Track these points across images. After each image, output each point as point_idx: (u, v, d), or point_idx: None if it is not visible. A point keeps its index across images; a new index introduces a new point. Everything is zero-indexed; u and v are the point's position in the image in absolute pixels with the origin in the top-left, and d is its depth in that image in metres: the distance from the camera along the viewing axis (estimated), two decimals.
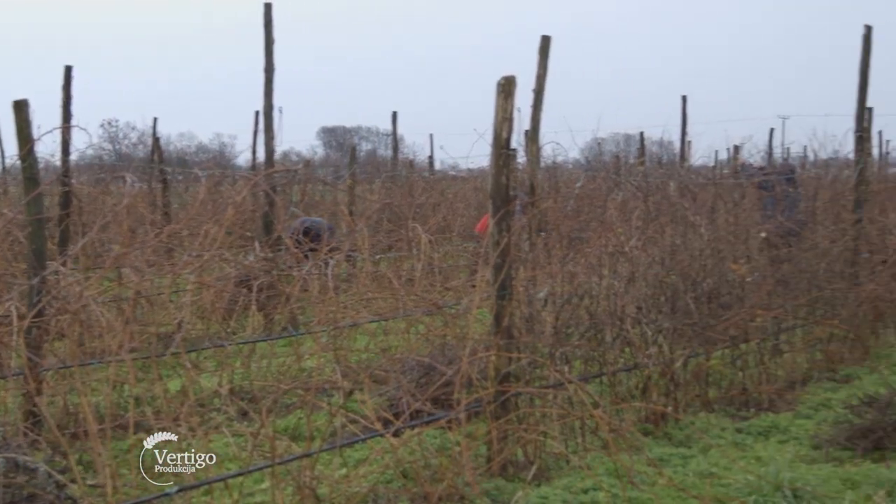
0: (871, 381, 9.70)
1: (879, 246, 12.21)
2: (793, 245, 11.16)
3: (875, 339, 11.52)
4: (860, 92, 11.91)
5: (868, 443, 7.61)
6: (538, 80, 10.46)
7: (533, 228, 8.81)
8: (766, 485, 6.44)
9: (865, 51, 11.75)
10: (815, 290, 10.57)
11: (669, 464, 7.22)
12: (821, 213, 12.33)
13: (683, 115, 22.06)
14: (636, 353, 8.46)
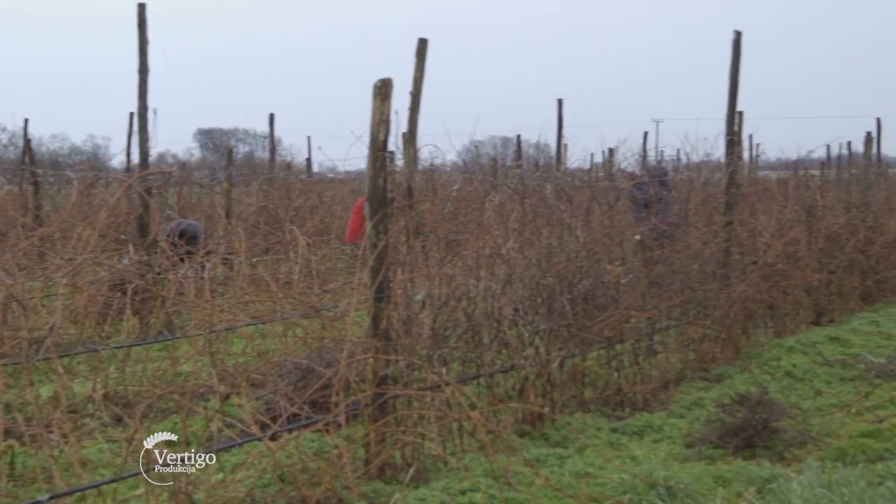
0: (742, 381, 10.02)
1: (750, 247, 12.59)
2: (666, 247, 11.42)
3: (746, 339, 11.89)
4: (731, 96, 12.25)
5: (739, 441, 7.87)
6: (415, 82, 10.56)
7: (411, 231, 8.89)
8: (641, 483, 6.61)
9: (735, 56, 12.10)
10: (687, 291, 10.84)
11: (546, 464, 7.37)
12: (693, 215, 12.65)
13: (559, 118, 22.40)
14: (513, 354, 8.60)
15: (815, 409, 9.07)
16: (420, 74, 10.55)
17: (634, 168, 15.11)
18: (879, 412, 8.86)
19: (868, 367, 10.65)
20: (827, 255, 14.64)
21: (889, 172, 24.56)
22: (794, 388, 9.86)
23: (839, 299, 14.97)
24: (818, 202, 15.83)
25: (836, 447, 7.84)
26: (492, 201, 11.85)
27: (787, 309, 13.33)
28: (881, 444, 7.87)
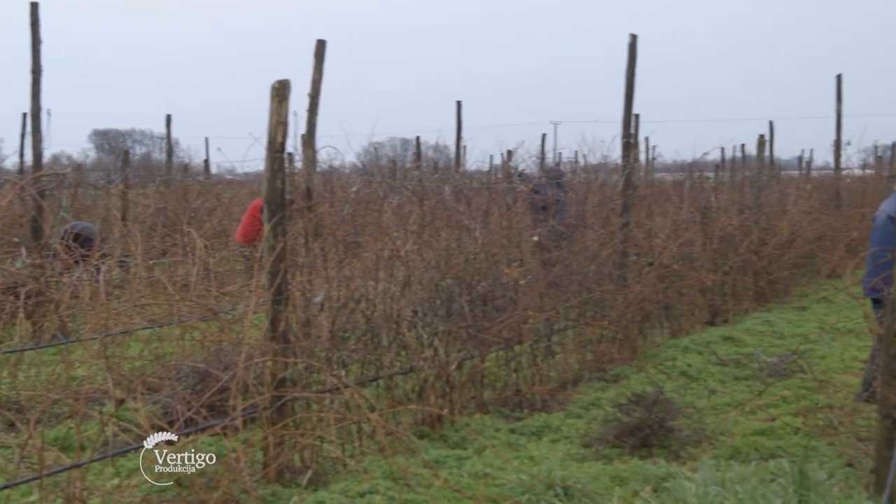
0: (639, 380, 10.22)
1: (646, 248, 12.81)
2: (564, 248, 11.57)
3: (642, 340, 12.12)
4: (627, 99, 12.46)
5: (636, 440, 8.04)
6: (314, 84, 10.57)
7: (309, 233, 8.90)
8: (539, 484, 6.71)
9: (631, 59, 12.31)
10: (585, 292, 11.00)
11: (445, 465, 7.45)
12: (590, 216, 12.82)
13: (458, 120, 22.53)
14: (412, 356, 8.66)
15: (709, 408, 9.30)
16: (319, 76, 10.56)
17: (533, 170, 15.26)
18: (772, 410, 9.11)
19: (761, 367, 10.93)
20: (721, 256, 14.97)
21: (781, 174, 25.12)
22: (690, 388, 10.09)
23: (733, 299, 15.32)
24: (713, 204, 16.16)
25: (731, 445, 8.05)
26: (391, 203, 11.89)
27: (683, 309, 13.61)
28: (774, 442, 8.11)
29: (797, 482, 6.40)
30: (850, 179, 25.50)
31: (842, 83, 22.55)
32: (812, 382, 9.84)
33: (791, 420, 8.68)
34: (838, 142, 23.04)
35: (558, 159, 20.11)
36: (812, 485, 6.37)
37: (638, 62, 12.42)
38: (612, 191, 13.12)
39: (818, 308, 15.92)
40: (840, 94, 22.57)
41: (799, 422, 8.58)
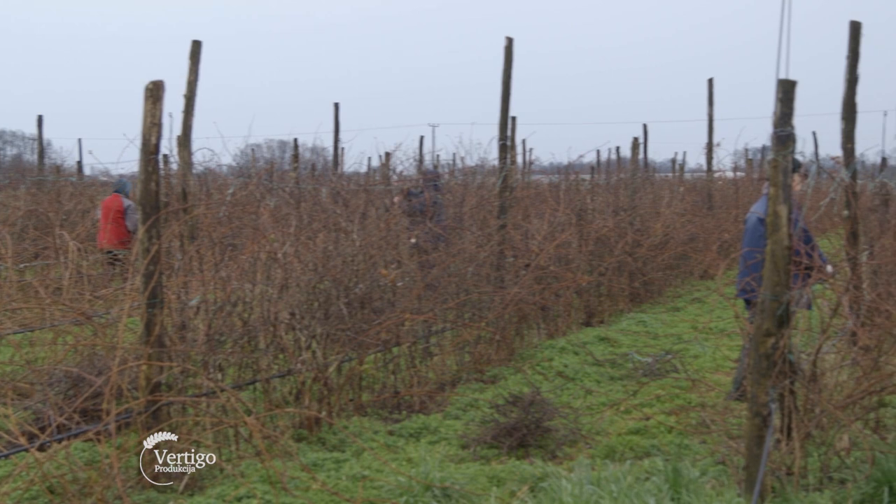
0: (516, 381, 10.38)
1: (523, 250, 12.98)
2: (441, 250, 11.66)
3: (520, 341, 12.29)
4: (503, 102, 12.61)
5: (513, 441, 8.18)
6: (189, 85, 10.49)
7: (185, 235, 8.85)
8: (417, 485, 6.80)
9: (507, 62, 12.46)
10: (463, 294, 11.12)
11: (323, 468, 7.48)
12: (468, 218, 12.95)
13: (336, 122, 22.52)
14: (290, 359, 8.66)
15: (585, 407, 9.49)
16: (194, 77, 10.48)
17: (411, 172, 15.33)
18: (646, 410, 9.35)
19: (636, 367, 11.19)
20: (596, 258, 15.24)
21: (656, 177, 25.61)
22: (566, 388, 10.28)
23: (608, 300, 15.62)
24: (588, 206, 16.45)
25: (606, 445, 8.24)
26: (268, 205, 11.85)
27: (559, 310, 13.82)
28: (648, 441, 8.32)
29: (671, 480, 6.59)
30: (721, 182, 26.10)
31: (713, 87, 23.05)
32: (685, 382, 10.11)
33: (665, 419, 8.92)
34: (710, 144, 23.53)
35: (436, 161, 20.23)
36: (685, 482, 6.57)
37: (515, 65, 12.56)
38: (489, 193, 13.27)
39: (691, 308, 16.31)
40: (712, 98, 23.07)
41: (672, 420, 8.83)
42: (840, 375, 7.43)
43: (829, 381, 7.30)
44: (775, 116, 6.50)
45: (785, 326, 6.51)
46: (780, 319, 6.47)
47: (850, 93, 8.80)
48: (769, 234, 6.51)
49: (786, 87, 6.49)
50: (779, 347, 6.48)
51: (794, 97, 6.53)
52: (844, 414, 7.02)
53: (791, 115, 6.50)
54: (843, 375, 7.44)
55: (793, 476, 6.64)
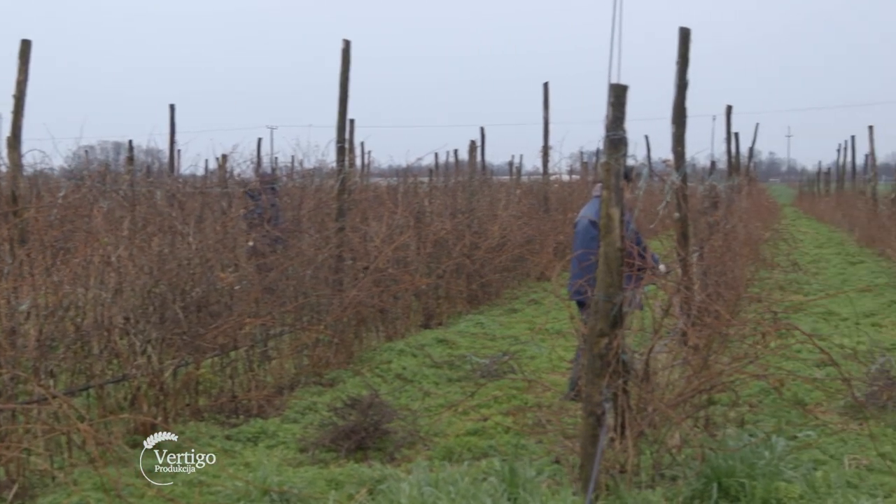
0: (355, 384, 10.42)
1: (361, 253, 13.02)
2: (280, 253, 11.61)
3: (359, 343, 12.33)
4: (341, 105, 12.60)
5: (351, 443, 8.22)
6: (18, 85, 10.24)
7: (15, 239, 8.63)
8: (255, 490, 6.79)
9: (345, 65, 12.47)
10: (301, 297, 11.10)
11: (159, 474, 7.39)
12: (306, 221, 12.92)
13: (172, 124, 22.17)
14: (125, 364, 8.54)
15: (424, 409, 9.59)
16: (24, 77, 10.23)
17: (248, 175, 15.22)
18: (484, 411, 9.49)
19: (474, 368, 11.34)
20: (435, 260, 15.38)
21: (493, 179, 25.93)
22: (405, 390, 10.37)
23: (447, 302, 15.79)
24: (426, 208, 16.58)
25: (444, 446, 8.35)
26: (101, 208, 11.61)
27: (398, 313, 13.92)
28: (485, 442, 8.46)
29: (507, 480, 6.73)
30: (557, 184, 26.55)
31: (549, 91, 23.44)
32: (522, 382, 10.28)
33: (502, 419, 9.07)
34: (546, 148, 23.88)
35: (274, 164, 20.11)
36: (521, 482, 6.71)
37: (353, 68, 12.57)
38: (327, 196, 13.26)
39: (528, 310, 16.62)
40: (547, 102, 23.45)
41: (509, 421, 8.98)
42: (671, 374, 7.68)
43: (661, 380, 7.55)
44: (607, 120, 6.69)
45: (618, 327, 6.71)
46: (613, 320, 6.67)
47: (681, 97, 9.09)
48: (602, 237, 6.70)
49: (617, 91, 6.69)
50: (612, 347, 6.68)
51: (626, 101, 6.73)
52: (676, 412, 7.26)
53: (623, 119, 6.70)
54: (674, 374, 7.70)
55: (626, 474, 6.85)
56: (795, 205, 66.25)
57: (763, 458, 7.03)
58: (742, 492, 6.73)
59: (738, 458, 6.97)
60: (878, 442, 8.12)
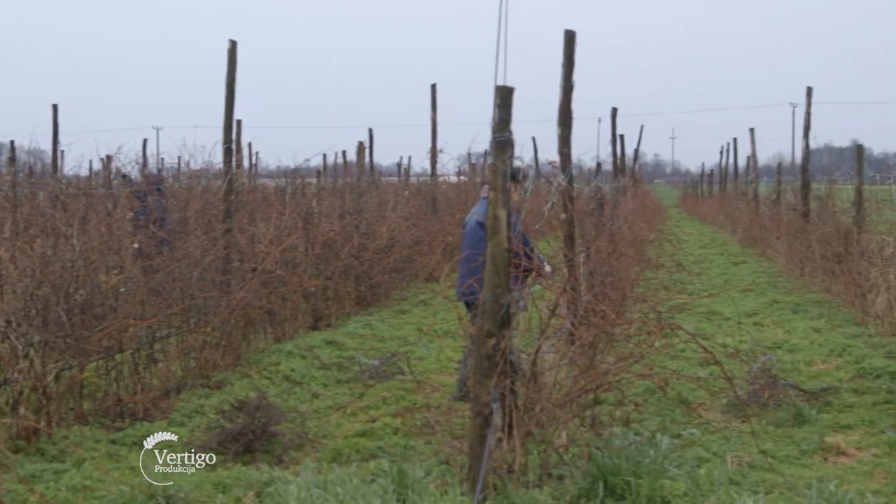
0: (243, 386, 10.37)
1: (249, 254, 12.96)
2: (166, 255, 11.50)
3: (246, 345, 12.27)
4: (227, 105, 12.48)
5: (239, 446, 8.18)
6: None
7: None
8: (140, 494, 6.73)
9: (231, 65, 12.36)
10: (188, 299, 11.00)
11: (42, 480, 7.30)
12: (193, 222, 12.81)
13: (55, 124, 21.71)
14: (6, 368, 8.40)
15: (312, 411, 9.58)
16: None
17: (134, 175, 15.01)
18: (372, 412, 9.54)
19: (362, 369, 11.37)
20: (323, 261, 15.36)
21: (381, 180, 25.96)
22: (293, 392, 10.35)
23: (335, 304, 15.78)
24: (315, 209, 16.55)
25: (333, 448, 8.37)
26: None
27: (286, 314, 13.89)
28: (374, 443, 8.50)
29: (396, 481, 6.77)
30: (446, 185, 26.68)
31: (436, 92, 23.49)
32: (411, 383, 10.33)
33: (391, 420, 9.13)
34: (434, 149, 23.96)
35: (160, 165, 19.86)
36: (410, 483, 6.76)
37: (239, 68, 12.47)
38: (214, 197, 13.15)
39: (417, 311, 16.69)
40: (435, 103, 23.48)
41: (398, 422, 9.04)
42: (558, 374, 7.81)
43: (548, 380, 7.67)
44: (494, 122, 6.76)
45: (506, 327, 6.80)
46: (500, 321, 6.75)
47: (566, 100, 9.21)
48: (489, 238, 6.77)
49: (503, 93, 6.77)
50: (500, 348, 6.75)
51: (512, 103, 6.81)
52: (563, 412, 7.38)
53: (509, 121, 6.79)
54: (561, 374, 7.83)
55: (514, 473, 6.93)
56: (680, 206, 67.50)
57: (648, 457, 7.18)
58: (628, 490, 6.87)
59: (623, 456, 7.11)
60: (760, 439, 8.37)
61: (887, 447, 8.40)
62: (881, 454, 8.28)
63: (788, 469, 7.84)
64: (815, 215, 20.91)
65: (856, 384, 10.55)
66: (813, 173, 22.98)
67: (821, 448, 8.46)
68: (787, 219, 24.48)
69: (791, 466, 7.96)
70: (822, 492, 6.76)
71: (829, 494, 6.68)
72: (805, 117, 22.39)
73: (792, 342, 13.21)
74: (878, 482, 7.51)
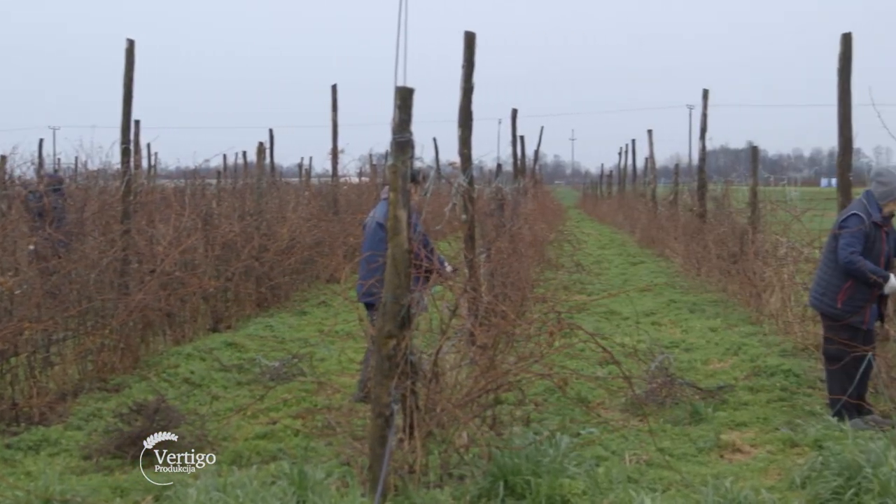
0: (141, 389, 10.27)
1: (148, 256, 12.83)
2: (63, 256, 11.33)
3: (145, 348, 12.15)
4: (125, 105, 12.30)
5: (137, 450, 8.07)
6: None
7: None
8: (36, 499, 6.66)
9: (129, 65, 12.19)
10: (85, 301, 10.87)
11: None
12: (90, 224, 12.63)
13: None
14: None
15: (212, 413, 9.53)
16: None
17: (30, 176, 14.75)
18: (273, 414, 9.53)
19: (263, 371, 11.33)
20: (224, 263, 15.27)
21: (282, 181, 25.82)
22: (193, 395, 10.29)
23: (236, 305, 15.69)
24: (214, 210, 16.43)
25: (233, 450, 8.34)
26: None
27: (186, 316, 13.79)
28: (274, 445, 8.49)
29: (296, 483, 6.78)
30: (347, 186, 26.63)
31: (337, 93, 23.40)
32: (311, 385, 10.34)
33: (291, 422, 9.12)
34: (335, 150, 23.88)
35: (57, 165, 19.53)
36: (310, 485, 6.77)
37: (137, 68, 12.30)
38: (112, 198, 12.98)
39: (318, 312, 16.65)
40: (335, 104, 23.38)
41: (299, 424, 9.04)
42: (459, 375, 7.87)
43: (449, 381, 7.72)
44: (394, 123, 6.79)
45: (406, 328, 6.84)
46: (401, 321, 6.79)
47: (466, 101, 9.26)
48: (390, 238, 6.80)
49: (404, 94, 6.80)
50: (400, 349, 6.79)
51: (412, 104, 6.84)
52: (463, 412, 7.43)
53: (409, 122, 6.82)
54: (462, 375, 7.89)
55: (415, 474, 6.98)
56: (579, 207, 68.24)
57: (548, 456, 7.28)
58: (528, 489, 6.95)
59: (523, 456, 7.20)
60: (657, 438, 8.53)
61: (781, 444, 8.63)
62: (775, 451, 8.50)
63: (685, 466, 8.01)
64: (711, 216, 21.26)
65: (751, 382, 10.80)
66: (709, 174, 23.37)
67: (717, 445, 8.65)
68: (684, 219, 24.88)
69: (688, 464, 8.13)
70: (718, 489, 6.91)
71: (725, 491, 6.84)
72: (701, 119, 22.78)
73: (689, 341, 13.46)
74: (772, 478, 7.72)
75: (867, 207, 9.09)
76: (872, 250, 9.00)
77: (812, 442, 8.46)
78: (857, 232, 8.97)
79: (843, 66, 10.65)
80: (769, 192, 18.44)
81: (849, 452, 7.17)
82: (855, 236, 8.96)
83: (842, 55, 10.65)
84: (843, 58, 10.64)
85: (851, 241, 8.96)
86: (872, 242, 9.01)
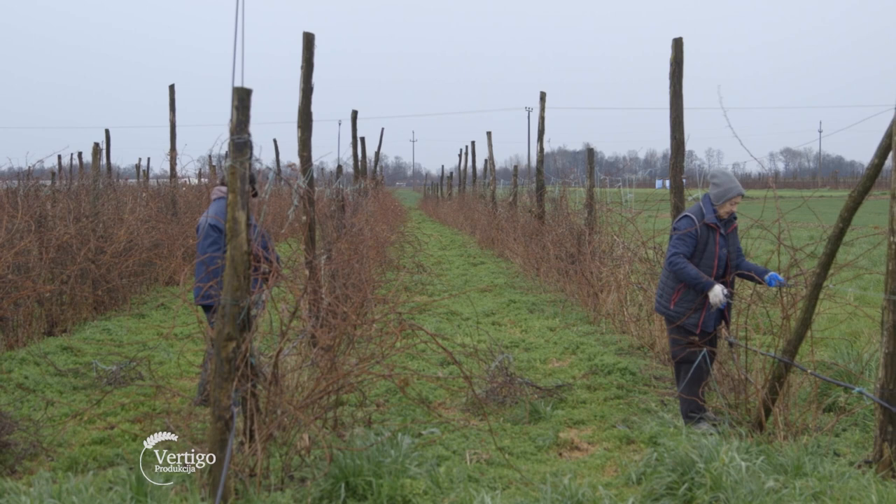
0: None
1: None
2: None
3: None
4: None
5: None
6: None
7: None
8: None
9: None
10: None
11: None
12: None
13: None
14: None
15: (47, 419, 9.28)
16: None
17: None
18: (111, 419, 9.33)
19: (100, 375, 11.08)
20: (59, 266, 14.90)
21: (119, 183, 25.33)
22: (27, 400, 9.99)
23: (72, 309, 15.31)
24: (49, 212, 16.02)
25: (69, 456, 8.14)
26: None
27: (19, 320, 13.40)
28: (112, 450, 8.32)
29: (135, 489, 6.66)
30: (186, 188, 26.25)
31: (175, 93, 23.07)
32: (150, 389, 10.17)
33: (130, 427, 8.94)
34: (173, 150, 23.55)
35: None
36: (149, 490, 6.67)
37: None
38: None
39: (156, 315, 16.38)
40: (174, 105, 23.05)
41: (137, 428, 8.86)
42: (300, 376, 7.84)
43: (290, 383, 7.69)
44: (232, 124, 6.71)
45: (247, 330, 6.77)
46: (241, 324, 6.71)
47: (306, 102, 9.25)
48: (229, 240, 6.71)
49: (241, 95, 6.73)
50: (241, 351, 6.72)
51: (250, 105, 6.77)
52: (305, 414, 7.40)
53: (247, 123, 6.75)
54: (303, 376, 7.86)
55: (255, 477, 6.92)
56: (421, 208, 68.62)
57: (389, 457, 7.31)
58: (370, 490, 6.97)
59: (365, 457, 7.21)
60: (498, 437, 8.64)
61: (618, 441, 8.82)
62: (612, 448, 8.69)
63: (525, 464, 8.13)
64: (549, 217, 21.61)
65: (588, 381, 11.03)
66: (548, 176, 23.70)
67: (555, 443, 8.81)
68: (523, 220, 25.21)
69: (527, 462, 8.26)
70: (557, 486, 7.03)
71: (563, 488, 6.96)
72: (539, 122, 23.05)
73: (528, 341, 13.66)
74: (609, 475, 7.88)
75: (702, 209, 9.27)
76: (705, 252, 9.18)
77: (647, 438, 8.67)
78: (685, 234, 9.15)
79: (674, 70, 10.95)
80: (605, 193, 18.81)
81: (682, 448, 7.36)
82: (682, 238, 9.15)
83: (673, 59, 10.95)
84: (674, 62, 10.94)
85: (677, 244, 9.16)
86: (704, 244, 9.18)
